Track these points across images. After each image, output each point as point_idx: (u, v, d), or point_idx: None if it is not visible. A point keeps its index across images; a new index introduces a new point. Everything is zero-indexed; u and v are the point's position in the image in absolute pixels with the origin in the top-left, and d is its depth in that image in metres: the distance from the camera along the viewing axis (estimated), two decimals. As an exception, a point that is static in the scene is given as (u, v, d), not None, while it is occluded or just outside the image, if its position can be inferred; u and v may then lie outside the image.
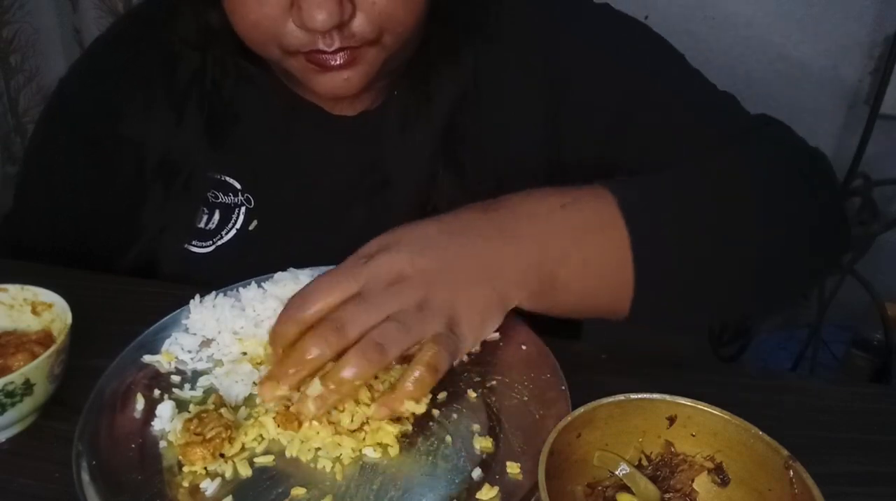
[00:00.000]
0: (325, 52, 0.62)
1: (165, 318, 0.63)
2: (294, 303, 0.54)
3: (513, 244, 0.56)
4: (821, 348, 1.38)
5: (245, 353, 0.60)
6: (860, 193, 1.36)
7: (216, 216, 0.76)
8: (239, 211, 0.76)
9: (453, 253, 0.55)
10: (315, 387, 0.50)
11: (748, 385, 0.64)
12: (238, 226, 0.76)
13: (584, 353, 0.64)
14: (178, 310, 0.63)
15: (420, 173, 0.73)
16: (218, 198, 0.76)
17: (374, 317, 0.51)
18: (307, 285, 0.55)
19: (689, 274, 0.58)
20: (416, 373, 0.51)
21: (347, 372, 0.50)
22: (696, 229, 0.59)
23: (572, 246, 0.56)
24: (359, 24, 0.61)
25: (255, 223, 0.76)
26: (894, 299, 1.32)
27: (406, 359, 0.53)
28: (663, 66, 0.74)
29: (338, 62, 0.62)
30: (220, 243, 0.76)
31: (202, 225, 0.76)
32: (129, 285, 0.75)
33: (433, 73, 0.72)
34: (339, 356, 0.51)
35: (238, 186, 0.76)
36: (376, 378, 0.54)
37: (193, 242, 0.76)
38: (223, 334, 0.61)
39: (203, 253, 0.76)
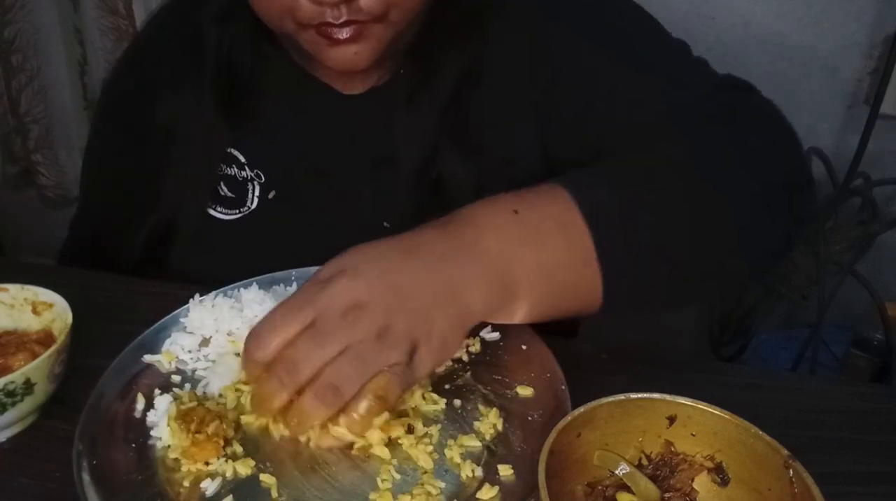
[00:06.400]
0: (332, 25, 0.63)
1: (165, 318, 0.63)
2: (251, 342, 0.52)
3: (470, 260, 0.54)
4: (821, 348, 1.38)
5: (237, 354, 0.60)
6: (860, 193, 1.36)
7: (231, 189, 0.79)
8: (252, 184, 0.79)
9: (411, 276, 0.52)
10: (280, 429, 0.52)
11: (748, 385, 0.64)
12: (257, 197, 0.79)
13: (584, 353, 0.64)
14: (178, 310, 0.63)
15: (424, 147, 0.75)
16: (229, 171, 0.79)
17: (329, 352, 0.49)
18: (262, 320, 0.52)
19: (654, 256, 0.57)
20: (364, 404, 0.49)
21: (304, 418, 0.50)
22: (655, 211, 0.58)
23: (530, 252, 0.55)
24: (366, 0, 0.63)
25: (273, 193, 0.79)
26: (894, 299, 1.32)
27: None
28: (643, 41, 0.73)
29: (345, 35, 0.64)
30: (246, 212, 0.79)
31: (222, 193, 0.80)
32: (129, 285, 0.75)
33: (438, 51, 0.74)
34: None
35: (243, 160, 0.79)
36: None
37: (218, 208, 0.79)
38: (218, 334, 0.61)
39: (228, 221, 0.79)
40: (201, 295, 0.64)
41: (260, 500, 0.49)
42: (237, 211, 0.79)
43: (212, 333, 0.62)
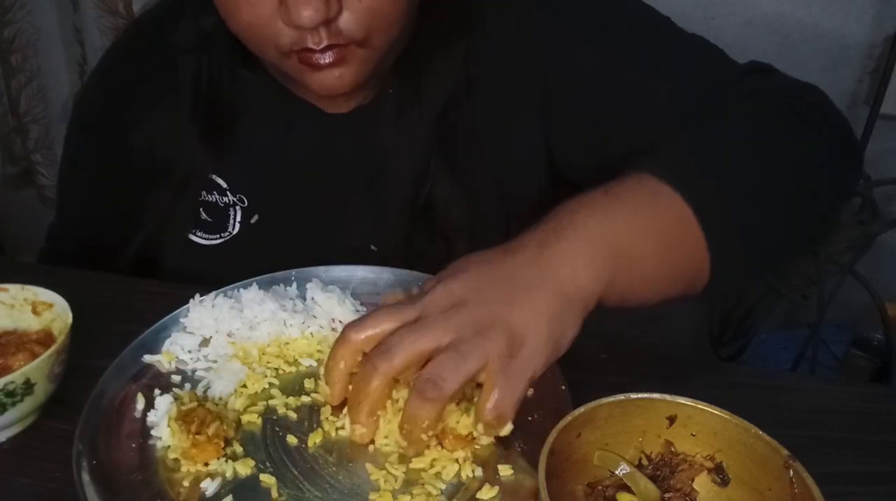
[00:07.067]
0: (314, 51, 0.62)
1: (165, 318, 0.63)
2: (351, 326, 0.52)
3: (568, 238, 0.52)
4: (821, 348, 1.37)
5: (240, 359, 0.60)
6: (860, 193, 1.36)
7: (212, 214, 0.78)
8: (234, 209, 0.77)
9: (508, 266, 0.52)
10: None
11: (748, 385, 0.64)
12: (238, 222, 0.77)
13: (584, 353, 0.64)
14: (178, 310, 0.63)
15: (414, 166, 0.73)
16: (210, 198, 0.77)
17: (425, 341, 0.48)
18: (366, 313, 0.54)
19: (747, 224, 0.58)
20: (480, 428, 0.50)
21: (412, 420, 0.48)
22: (736, 181, 0.59)
23: (635, 220, 0.54)
24: (345, 21, 0.61)
25: (255, 217, 0.77)
26: (894, 299, 1.32)
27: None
28: (646, 37, 0.72)
29: (327, 61, 0.63)
30: (227, 238, 0.77)
31: (203, 218, 0.78)
32: (129, 285, 0.75)
33: (425, 66, 0.72)
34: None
35: (225, 185, 0.77)
36: None
37: (199, 233, 0.78)
38: (218, 335, 0.61)
39: (209, 246, 0.78)
40: (201, 296, 0.64)
41: (260, 500, 0.49)
42: (218, 236, 0.78)
43: (212, 333, 0.62)
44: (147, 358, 0.60)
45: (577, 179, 0.74)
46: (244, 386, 0.58)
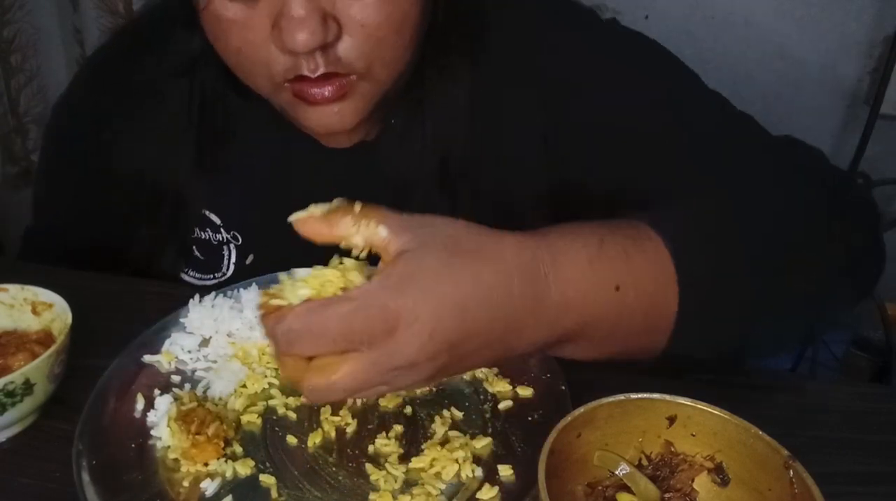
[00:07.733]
0: (309, 80, 0.57)
1: (165, 318, 0.63)
2: (286, 332, 0.43)
3: (543, 307, 0.46)
4: (821, 348, 1.38)
5: (237, 356, 0.60)
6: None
7: (205, 253, 0.75)
8: (228, 247, 0.75)
9: (472, 292, 0.43)
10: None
11: (748, 385, 0.64)
12: (233, 262, 0.75)
13: (584, 353, 0.64)
14: (178, 310, 0.64)
15: (416, 203, 0.69)
16: (203, 235, 0.75)
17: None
18: (311, 321, 0.43)
19: (726, 309, 0.53)
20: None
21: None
22: (733, 265, 0.54)
23: (614, 297, 0.49)
24: (345, 47, 0.57)
25: (251, 257, 0.75)
26: (894, 299, 1.32)
27: None
28: (673, 87, 0.68)
29: (325, 95, 0.58)
30: (221, 279, 0.75)
31: (195, 255, 0.76)
32: (129, 285, 0.75)
33: (429, 101, 0.68)
34: None
35: (218, 222, 0.74)
36: None
37: (192, 273, 0.76)
38: (218, 335, 0.62)
39: (202, 286, 0.75)
40: (201, 296, 0.64)
41: (260, 500, 0.49)
42: (211, 276, 0.75)
43: (212, 333, 0.62)
44: (147, 358, 0.60)
45: (578, 191, 0.71)
46: (244, 386, 0.58)
